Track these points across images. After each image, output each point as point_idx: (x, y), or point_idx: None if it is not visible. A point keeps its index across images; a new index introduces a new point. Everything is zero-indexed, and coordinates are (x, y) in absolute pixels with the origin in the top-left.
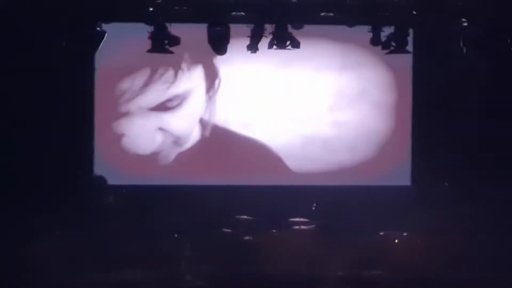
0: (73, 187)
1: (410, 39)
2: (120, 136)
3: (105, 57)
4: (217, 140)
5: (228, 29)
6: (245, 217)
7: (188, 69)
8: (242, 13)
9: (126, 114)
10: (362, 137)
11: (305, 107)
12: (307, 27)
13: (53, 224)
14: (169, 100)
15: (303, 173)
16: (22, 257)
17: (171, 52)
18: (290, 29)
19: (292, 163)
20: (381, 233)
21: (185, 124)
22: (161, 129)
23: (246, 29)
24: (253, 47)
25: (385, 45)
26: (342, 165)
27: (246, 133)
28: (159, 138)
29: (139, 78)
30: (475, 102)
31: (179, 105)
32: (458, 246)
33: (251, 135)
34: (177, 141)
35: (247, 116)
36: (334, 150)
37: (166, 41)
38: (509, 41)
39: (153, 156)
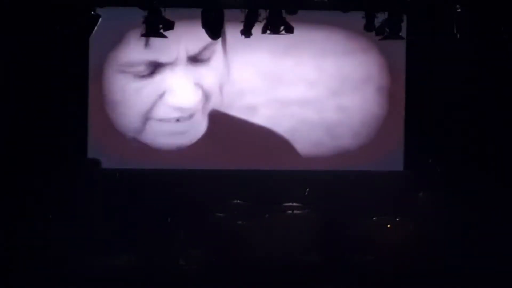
0: (66, 170)
1: (404, 25)
2: (114, 120)
3: (99, 41)
4: (219, 126)
5: (222, 13)
6: (238, 201)
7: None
8: None
9: (120, 97)
10: (357, 123)
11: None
12: (301, 12)
13: (44, 208)
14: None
15: (297, 157)
16: (14, 240)
17: (165, 37)
18: (284, 14)
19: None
20: (374, 218)
21: (185, 109)
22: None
23: (241, 14)
24: (246, 32)
25: (379, 31)
26: (334, 150)
27: (250, 118)
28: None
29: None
30: (469, 88)
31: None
32: (449, 232)
33: (254, 121)
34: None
35: (250, 101)
36: (329, 136)
37: (160, 26)
38: (502, 27)
39: (148, 140)
